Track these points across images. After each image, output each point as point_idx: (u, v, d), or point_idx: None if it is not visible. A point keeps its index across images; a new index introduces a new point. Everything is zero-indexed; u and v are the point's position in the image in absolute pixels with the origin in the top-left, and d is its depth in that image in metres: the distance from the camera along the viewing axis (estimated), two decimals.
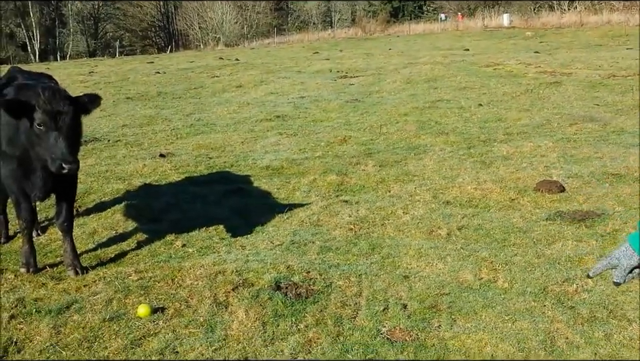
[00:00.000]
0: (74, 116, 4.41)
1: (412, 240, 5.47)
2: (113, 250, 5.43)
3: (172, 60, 29.36)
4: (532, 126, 10.30)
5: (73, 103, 4.43)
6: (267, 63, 25.06)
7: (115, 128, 11.48)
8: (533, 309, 4.15)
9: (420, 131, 10.27)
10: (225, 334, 3.90)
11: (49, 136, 4.31)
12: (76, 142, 4.53)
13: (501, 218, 5.98)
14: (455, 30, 46.62)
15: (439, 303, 4.26)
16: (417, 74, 18.07)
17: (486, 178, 7.27)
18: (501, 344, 3.74)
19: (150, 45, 64.26)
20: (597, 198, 6.42)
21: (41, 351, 3.77)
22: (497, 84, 15.49)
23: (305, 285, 4.55)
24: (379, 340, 3.80)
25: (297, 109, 13.09)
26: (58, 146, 4.28)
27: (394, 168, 8.02)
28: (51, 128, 4.30)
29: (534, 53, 24.19)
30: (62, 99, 4.37)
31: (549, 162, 7.88)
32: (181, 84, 18.40)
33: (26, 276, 4.85)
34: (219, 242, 5.54)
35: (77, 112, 4.47)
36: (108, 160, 8.90)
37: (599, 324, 3.94)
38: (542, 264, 4.86)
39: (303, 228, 5.85)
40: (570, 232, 5.52)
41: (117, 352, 3.74)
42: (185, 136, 10.69)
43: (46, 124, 4.30)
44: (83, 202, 6.84)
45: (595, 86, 14.41)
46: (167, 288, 4.55)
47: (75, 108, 4.44)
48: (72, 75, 21.70)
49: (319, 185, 7.34)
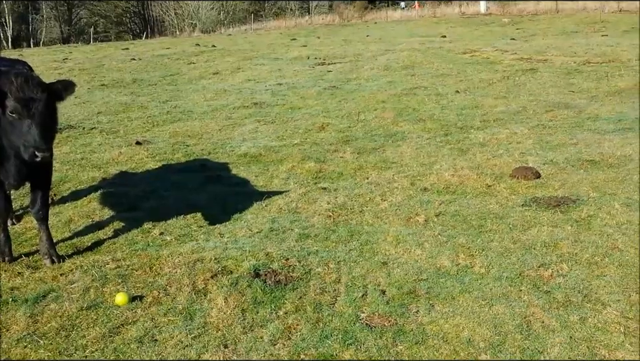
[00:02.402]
0: (47, 104, 4.33)
1: (390, 227, 5.50)
2: (90, 238, 5.37)
3: (147, 47, 29.02)
4: (508, 113, 10.39)
5: (46, 90, 4.34)
6: (244, 50, 24.90)
7: (89, 116, 11.33)
8: (509, 294, 4.21)
9: (398, 118, 10.30)
10: (204, 322, 3.90)
11: (21, 124, 4.23)
12: (49, 130, 4.42)
13: (478, 204, 6.04)
14: (432, 17, 46.68)
15: (417, 289, 4.30)
16: (395, 61, 18.10)
17: (463, 164, 7.33)
18: (478, 328, 3.79)
19: (125, 32, 63.28)
20: (572, 184, 6.52)
21: (17, 340, 3.74)
22: (474, 71, 15.59)
23: (284, 272, 4.56)
24: (358, 326, 3.83)
25: (275, 96, 13.03)
26: (31, 133, 4.21)
27: (372, 155, 8.04)
28: (23, 116, 4.22)
29: (510, 40, 24.36)
30: (35, 86, 4.28)
31: (525, 149, 7.97)
32: (156, 71, 18.20)
33: (1, 265, 4.79)
34: (197, 230, 5.51)
35: (50, 100, 4.39)
36: (83, 147, 8.79)
37: (574, 308, 4.01)
38: (518, 249, 4.93)
39: (282, 216, 5.85)
40: (545, 217, 5.60)
41: (95, 340, 3.71)
42: (161, 123, 10.59)
43: (18, 111, 4.22)
44: (59, 190, 6.75)
45: (570, 73, 14.58)
46: (144, 276, 4.53)
47: (49, 96, 4.35)
48: (46, 62, 21.33)
49: (297, 172, 7.34)
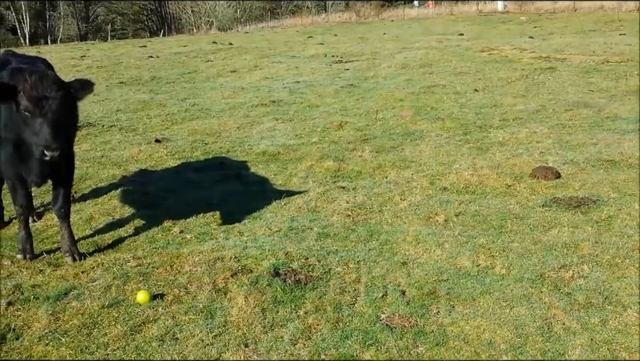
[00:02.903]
0: (61, 102, 4.27)
1: (410, 227, 5.48)
2: (110, 236, 5.41)
3: (165, 45, 29.14)
4: (527, 112, 10.31)
5: (61, 89, 4.30)
6: (261, 48, 24.94)
7: (108, 113, 11.41)
8: (530, 295, 4.18)
9: (416, 117, 10.27)
10: (224, 320, 3.92)
11: (33, 122, 4.21)
12: (62, 129, 4.32)
13: (498, 204, 6.00)
14: (449, 15, 46.42)
15: (437, 289, 4.29)
16: (412, 59, 18.03)
17: (482, 164, 7.29)
18: (499, 330, 3.77)
19: (142, 29, 63.62)
20: (592, 184, 6.46)
21: (39, 337, 3.77)
22: (492, 69, 15.48)
23: (304, 271, 4.57)
24: (379, 326, 3.82)
25: (293, 94, 13.04)
26: (42, 132, 4.18)
27: (391, 154, 8.02)
28: (35, 114, 4.19)
29: (528, 38, 24.18)
30: (49, 84, 4.25)
31: (545, 148, 7.91)
32: (174, 69, 18.28)
33: (23, 262, 4.84)
34: (217, 229, 5.53)
35: (65, 98, 4.32)
36: (103, 145, 8.86)
37: (595, 310, 3.98)
38: (539, 250, 4.89)
39: (301, 215, 5.86)
40: (566, 218, 5.56)
41: (117, 338, 3.74)
42: (180, 121, 10.64)
43: (30, 110, 4.21)
44: (79, 188, 6.81)
45: (589, 72, 14.43)
46: (165, 275, 4.56)
47: (64, 94, 4.30)
48: (64, 59, 21.49)
49: (316, 171, 7.34)
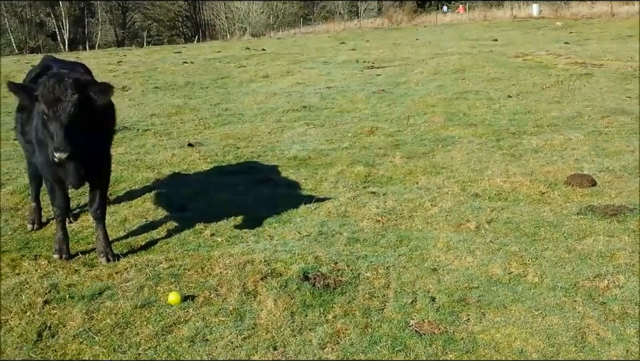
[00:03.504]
0: (78, 105, 4.31)
1: (440, 233, 5.45)
2: (144, 238, 5.50)
3: (199, 50, 29.52)
4: (562, 119, 10.15)
5: (77, 92, 4.33)
6: (294, 53, 25.06)
7: (144, 118, 11.60)
8: (563, 304, 4.12)
9: (448, 122, 10.20)
10: (253, 323, 3.95)
11: (50, 125, 4.32)
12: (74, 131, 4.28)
13: (531, 211, 5.92)
14: (482, 21, 46.02)
15: (467, 296, 4.25)
16: (445, 64, 17.91)
17: (515, 171, 7.20)
18: (530, 338, 3.72)
19: (177, 35, 64.62)
20: (629, 192, 6.33)
21: (74, 336, 3.85)
22: (527, 75, 15.29)
23: (333, 276, 4.57)
24: (408, 333, 3.80)
25: (324, 100, 13.07)
26: (54, 134, 4.27)
27: (422, 159, 7.98)
28: (49, 117, 4.30)
29: (564, 44, 23.81)
30: (65, 88, 4.30)
31: (580, 156, 7.78)
32: (208, 74, 18.49)
33: (59, 262, 4.94)
34: (247, 232, 5.57)
35: (81, 102, 4.34)
36: (138, 149, 9.01)
37: (631, 320, 3.90)
38: (573, 259, 4.81)
39: (331, 219, 5.86)
40: (601, 226, 5.46)
41: (148, 338, 3.80)
42: (212, 126, 10.75)
43: (45, 112, 4.31)
44: (114, 190, 6.93)
45: (626, 78, 14.15)
46: (196, 277, 4.61)
47: (79, 98, 4.33)
48: (101, 65, 21.92)
49: (346, 176, 7.34)
